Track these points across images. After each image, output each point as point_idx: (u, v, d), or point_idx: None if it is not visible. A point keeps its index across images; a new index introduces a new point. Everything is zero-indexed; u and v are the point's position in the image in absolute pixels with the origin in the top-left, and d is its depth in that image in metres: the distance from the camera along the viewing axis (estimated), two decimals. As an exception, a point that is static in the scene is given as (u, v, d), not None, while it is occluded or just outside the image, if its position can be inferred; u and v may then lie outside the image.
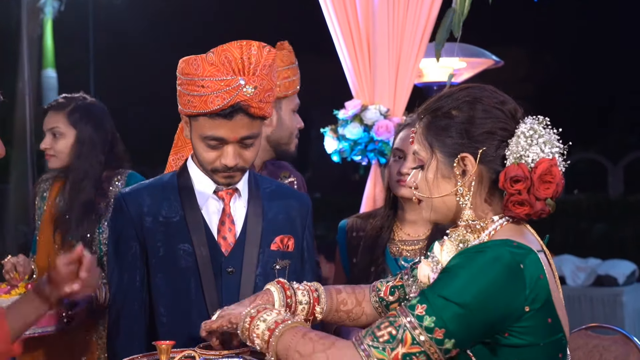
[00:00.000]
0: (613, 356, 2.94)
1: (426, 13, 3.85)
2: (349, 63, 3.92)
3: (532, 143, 1.66)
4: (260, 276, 2.25)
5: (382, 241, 2.72)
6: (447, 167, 1.73)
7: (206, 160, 2.19)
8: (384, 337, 1.57)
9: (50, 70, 10.48)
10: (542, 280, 1.60)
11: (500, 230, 1.70)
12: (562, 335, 1.65)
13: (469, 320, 1.55)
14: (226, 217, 2.26)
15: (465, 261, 1.60)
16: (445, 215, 1.77)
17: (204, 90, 2.09)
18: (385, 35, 3.84)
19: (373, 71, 3.88)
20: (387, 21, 3.83)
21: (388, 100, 3.86)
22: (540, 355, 1.62)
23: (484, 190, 1.72)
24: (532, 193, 1.66)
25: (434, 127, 1.75)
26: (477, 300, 1.55)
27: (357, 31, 3.91)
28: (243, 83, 2.09)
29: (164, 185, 2.29)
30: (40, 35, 10.09)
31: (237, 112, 2.11)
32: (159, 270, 2.21)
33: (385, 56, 3.85)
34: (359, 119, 3.82)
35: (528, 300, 1.57)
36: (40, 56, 10.14)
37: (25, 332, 1.95)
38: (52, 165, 3.12)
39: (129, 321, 2.22)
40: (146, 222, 2.21)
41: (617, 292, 7.12)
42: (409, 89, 3.89)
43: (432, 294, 1.58)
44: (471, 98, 1.73)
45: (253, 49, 2.13)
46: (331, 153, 3.92)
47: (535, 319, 1.59)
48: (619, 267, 7.42)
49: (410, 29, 3.85)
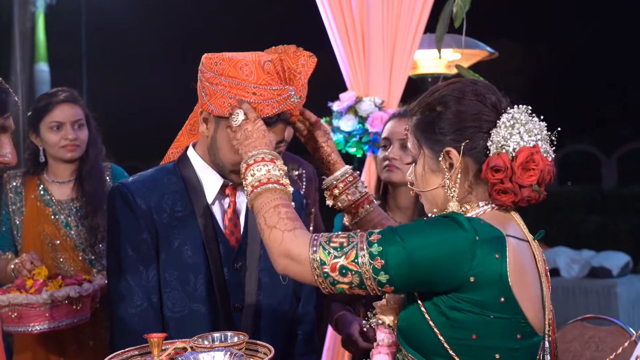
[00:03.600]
0: (609, 347, 2.94)
1: (420, 5, 3.84)
2: (344, 55, 3.91)
3: (512, 132, 1.72)
4: (264, 271, 2.25)
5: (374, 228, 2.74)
6: (434, 162, 1.79)
7: (232, 161, 2.15)
8: (335, 243, 1.69)
9: (43, 64, 10.42)
10: (496, 260, 1.65)
11: (481, 215, 1.75)
12: (522, 318, 1.69)
13: (408, 266, 1.63)
14: (232, 212, 2.25)
15: (433, 220, 1.69)
16: (438, 207, 1.82)
17: (255, 98, 2.05)
18: (379, 27, 3.83)
19: (367, 63, 3.87)
20: (382, 13, 3.83)
21: (383, 92, 3.86)
22: (492, 328, 1.67)
23: (470, 181, 1.77)
24: (515, 181, 1.71)
25: (421, 123, 1.81)
26: (422, 253, 1.63)
27: (352, 23, 3.90)
28: (293, 93, 2.08)
29: (167, 177, 2.25)
30: (32, 29, 10.03)
31: (280, 121, 2.10)
32: (168, 265, 2.18)
33: (379, 48, 3.84)
34: (354, 111, 3.82)
35: (473, 271, 1.63)
36: (32, 50, 10.09)
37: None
38: (74, 156, 3.19)
39: (147, 315, 2.17)
40: (157, 216, 2.18)
41: (611, 283, 7.15)
42: (403, 80, 3.89)
43: (390, 230, 1.68)
44: (456, 93, 1.78)
45: (303, 59, 2.14)
46: (325, 145, 3.91)
47: (483, 294, 1.65)
48: (613, 259, 7.45)
49: (405, 21, 3.85)
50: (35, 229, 3.15)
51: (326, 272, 1.68)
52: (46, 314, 2.76)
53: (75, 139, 3.16)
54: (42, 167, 3.22)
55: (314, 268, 1.69)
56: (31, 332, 2.80)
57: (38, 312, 2.75)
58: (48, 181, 3.22)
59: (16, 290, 2.80)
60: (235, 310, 2.22)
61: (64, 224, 3.16)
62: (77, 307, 2.82)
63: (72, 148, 3.16)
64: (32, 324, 2.76)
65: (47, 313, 2.76)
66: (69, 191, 3.20)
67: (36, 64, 10.42)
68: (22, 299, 2.74)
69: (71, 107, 3.18)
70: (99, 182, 3.19)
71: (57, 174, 3.22)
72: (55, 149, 3.16)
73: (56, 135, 3.15)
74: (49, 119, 3.15)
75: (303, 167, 3.10)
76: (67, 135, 3.15)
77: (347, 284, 1.68)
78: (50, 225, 3.16)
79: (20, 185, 3.20)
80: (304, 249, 1.70)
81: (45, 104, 3.17)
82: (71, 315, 2.81)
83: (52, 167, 3.22)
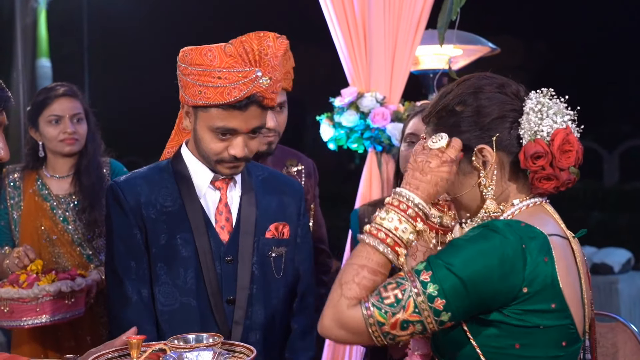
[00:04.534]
0: (610, 343, 2.94)
1: (422, 0, 3.83)
2: (345, 50, 3.91)
3: (542, 117, 1.67)
4: (257, 264, 2.26)
5: None
6: (466, 164, 1.72)
7: (213, 151, 2.18)
8: (389, 299, 1.57)
9: (44, 60, 10.41)
10: (546, 264, 1.59)
11: (517, 214, 1.70)
12: (570, 323, 1.63)
13: (465, 292, 1.56)
14: (223, 206, 2.27)
15: (474, 236, 1.60)
16: (474, 210, 1.75)
17: (221, 82, 2.09)
18: (381, 23, 3.83)
19: (369, 58, 3.86)
20: (383, 8, 3.82)
21: (384, 88, 3.85)
22: (539, 337, 1.61)
23: (506, 175, 1.72)
24: (555, 165, 1.67)
25: (443, 128, 1.74)
26: (476, 276, 1.56)
27: (353, 18, 3.89)
28: (260, 75, 2.09)
29: (160, 173, 2.28)
30: (33, 24, 10.03)
31: (251, 104, 2.12)
32: (159, 259, 2.21)
33: (381, 43, 3.83)
34: (355, 107, 3.82)
35: (526, 281, 1.57)
36: (34, 46, 10.08)
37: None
38: (73, 150, 3.20)
39: (141, 308, 2.21)
40: (146, 211, 2.21)
41: (613, 280, 7.14)
42: (405, 76, 3.88)
43: (437, 263, 1.58)
44: (472, 89, 1.73)
45: (269, 40, 2.14)
46: (327, 141, 3.91)
47: (536, 303, 1.58)
48: (614, 255, 7.44)
49: (407, 16, 3.84)
50: (33, 224, 3.16)
51: (386, 331, 1.58)
52: (37, 309, 2.77)
53: (74, 132, 3.17)
54: (42, 162, 3.23)
55: (372, 332, 1.58)
56: (23, 327, 2.81)
57: (29, 307, 2.75)
58: (47, 176, 3.22)
59: (9, 285, 2.81)
60: (227, 303, 2.23)
61: (62, 219, 3.17)
62: (70, 302, 2.82)
63: (71, 142, 3.17)
64: (24, 318, 2.76)
65: (39, 308, 2.77)
66: (67, 186, 3.20)
67: (38, 60, 10.41)
68: (14, 294, 2.74)
69: (70, 101, 3.19)
70: (97, 177, 3.20)
71: (56, 169, 3.23)
72: (54, 142, 3.17)
73: (55, 129, 3.16)
74: (47, 113, 3.16)
75: (302, 162, 3.09)
76: (66, 129, 3.16)
77: (408, 335, 1.59)
78: (48, 220, 3.16)
79: (19, 180, 3.21)
80: (359, 321, 1.57)
81: (44, 98, 3.18)
82: (64, 310, 2.81)
83: (51, 161, 3.23)
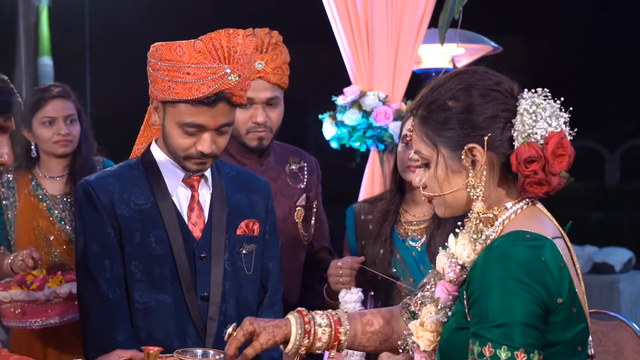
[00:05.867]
0: (612, 342, 2.95)
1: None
2: (347, 49, 3.91)
3: (537, 119, 1.60)
4: (228, 261, 2.29)
5: (389, 223, 2.77)
6: (455, 161, 1.66)
7: (181, 146, 2.19)
8: None
9: (46, 58, 10.41)
10: (564, 268, 1.55)
11: (514, 219, 1.64)
12: (586, 326, 1.60)
13: (531, 327, 1.49)
14: (195, 203, 2.29)
15: (488, 278, 1.53)
16: (458, 209, 1.71)
17: (189, 78, 2.10)
18: (383, 21, 3.83)
19: (372, 57, 3.87)
20: (386, 7, 3.82)
21: (387, 87, 3.86)
22: (560, 352, 1.56)
23: (496, 176, 1.66)
24: (548, 170, 1.60)
25: (433, 122, 1.67)
26: (522, 307, 1.49)
27: (356, 17, 3.89)
28: (229, 71, 2.11)
29: (130, 172, 2.29)
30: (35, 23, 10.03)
31: (220, 100, 2.13)
32: (133, 257, 2.22)
33: (383, 42, 3.84)
34: (358, 105, 3.82)
35: (559, 291, 1.52)
36: (36, 44, 10.08)
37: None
38: (67, 151, 3.20)
39: (116, 307, 2.21)
40: (118, 210, 2.21)
41: (614, 279, 7.14)
42: (407, 75, 3.89)
43: (484, 330, 1.50)
44: (465, 85, 1.66)
45: (239, 37, 2.16)
46: (330, 139, 3.92)
47: (564, 312, 1.54)
48: (615, 255, 7.44)
49: (409, 15, 3.84)
50: (29, 224, 3.16)
51: None
52: (48, 310, 2.79)
53: (67, 134, 3.18)
54: (34, 161, 3.23)
55: None
56: (33, 328, 2.82)
57: (41, 309, 2.77)
58: (40, 176, 3.23)
59: (17, 286, 2.81)
60: (202, 300, 2.25)
61: (59, 219, 3.17)
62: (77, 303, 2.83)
63: (64, 143, 3.17)
64: (34, 320, 2.77)
65: (49, 309, 2.78)
66: (62, 186, 3.21)
67: (40, 58, 10.42)
68: (25, 296, 2.76)
69: (63, 102, 3.19)
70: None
71: (50, 169, 3.23)
72: (48, 144, 3.17)
73: (49, 131, 3.16)
74: (41, 114, 3.16)
75: (305, 159, 3.09)
76: (60, 131, 3.16)
77: None
78: (45, 220, 3.17)
79: (12, 180, 3.21)
80: None
81: (37, 99, 3.19)
82: (72, 312, 2.83)
83: (44, 162, 3.23)
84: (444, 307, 1.67)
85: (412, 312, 1.92)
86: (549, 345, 1.53)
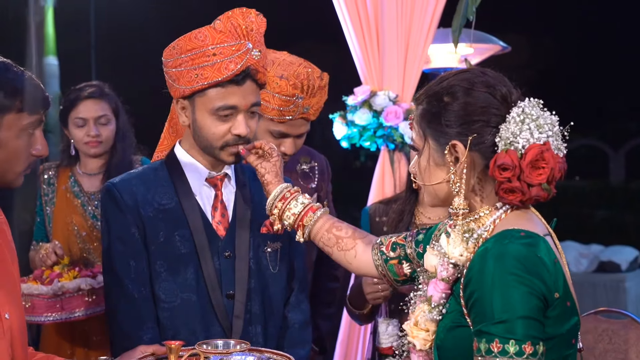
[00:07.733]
0: (622, 340, 2.95)
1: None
2: (358, 49, 3.92)
3: (522, 128, 1.61)
4: (253, 259, 2.30)
5: (404, 225, 2.75)
6: (439, 155, 1.70)
7: (217, 135, 2.20)
8: None
9: (52, 58, 10.43)
10: (558, 264, 1.58)
11: (505, 219, 1.67)
12: (578, 319, 1.63)
13: (532, 319, 1.52)
14: (219, 202, 2.30)
15: (487, 277, 1.55)
16: (441, 201, 1.75)
17: (216, 58, 2.13)
18: (393, 21, 3.84)
19: (382, 57, 3.88)
20: (396, 7, 3.84)
21: (397, 86, 3.87)
22: (557, 345, 1.59)
23: (476, 177, 1.69)
24: (523, 180, 1.61)
25: (428, 113, 1.71)
26: (522, 301, 1.52)
27: (366, 17, 3.91)
28: (251, 47, 2.15)
29: (154, 173, 2.31)
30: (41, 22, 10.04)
31: (247, 78, 2.16)
32: (158, 257, 2.23)
33: (393, 42, 3.85)
34: (368, 105, 3.83)
35: (555, 286, 1.56)
36: (41, 43, 10.09)
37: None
38: (97, 152, 3.23)
39: (141, 307, 2.22)
40: (143, 210, 2.23)
41: (620, 278, 7.14)
42: (417, 74, 3.90)
43: (488, 327, 1.53)
44: (464, 84, 1.69)
45: (252, 16, 2.20)
46: (340, 139, 3.93)
47: (560, 306, 1.57)
48: (621, 253, 7.44)
49: (419, 15, 3.86)
50: (64, 220, 3.20)
51: None
52: (57, 305, 2.79)
53: (97, 135, 3.20)
54: (75, 159, 3.28)
55: None
56: (43, 323, 2.83)
57: (50, 303, 2.78)
58: (79, 173, 3.27)
59: (33, 281, 2.84)
60: (227, 298, 2.26)
61: (92, 216, 3.21)
62: (91, 299, 2.84)
63: (94, 144, 3.21)
64: (44, 314, 2.79)
65: (58, 304, 2.79)
66: (98, 183, 3.24)
67: (45, 58, 10.43)
68: (33, 290, 2.77)
69: (95, 103, 3.22)
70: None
71: (87, 167, 3.29)
72: (80, 144, 3.23)
73: (80, 132, 3.20)
74: (74, 115, 3.21)
75: (315, 159, 3.10)
76: (90, 132, 3.20)
77: None
78: (79, 217, 3.20)
79: (53, 177, 3.27)
80: None
81: (72, 100, 3.23)
82: (84, 307, 2.84)
83: (82, 159, 3.29)
84: (437, 305, 1.70)
85: (382, 251, 1.99)
86: (547, 339, 1.56)
